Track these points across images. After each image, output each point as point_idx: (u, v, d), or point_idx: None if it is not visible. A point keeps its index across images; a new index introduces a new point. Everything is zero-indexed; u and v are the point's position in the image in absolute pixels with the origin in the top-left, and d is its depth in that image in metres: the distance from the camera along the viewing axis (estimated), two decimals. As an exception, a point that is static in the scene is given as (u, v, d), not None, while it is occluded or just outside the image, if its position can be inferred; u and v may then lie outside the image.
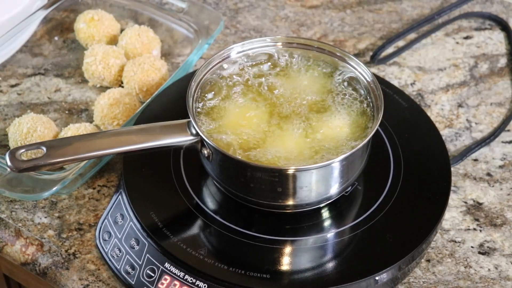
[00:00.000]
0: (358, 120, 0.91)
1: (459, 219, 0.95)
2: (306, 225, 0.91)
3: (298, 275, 0.86)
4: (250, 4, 1.27)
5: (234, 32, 1.22)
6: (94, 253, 0.91)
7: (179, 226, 0.89)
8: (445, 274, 0.89)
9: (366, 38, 1.20)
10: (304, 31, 1.22)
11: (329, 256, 0.88)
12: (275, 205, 0.88)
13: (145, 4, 1.19)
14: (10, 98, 1.10)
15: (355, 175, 0.90)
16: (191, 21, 1.15)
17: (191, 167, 0.95)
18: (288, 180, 0.86)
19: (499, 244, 0.92)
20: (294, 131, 0.90)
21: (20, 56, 1.16)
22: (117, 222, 0.91)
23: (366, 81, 0.93)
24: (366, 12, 1.25)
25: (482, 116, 1.08)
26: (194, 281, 0.84)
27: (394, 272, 0.86)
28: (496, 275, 0.89)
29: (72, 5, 1.20)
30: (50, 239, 0.92)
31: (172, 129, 0.87)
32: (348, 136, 0.89)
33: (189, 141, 0.87)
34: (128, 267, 0.87)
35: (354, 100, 0.93)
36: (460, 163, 1.01)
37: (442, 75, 1.14)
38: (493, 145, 1.04)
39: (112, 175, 0.99)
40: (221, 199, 0.92)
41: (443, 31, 1.21)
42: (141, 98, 1.07)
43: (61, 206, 0.96)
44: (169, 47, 1.16)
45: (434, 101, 1.10)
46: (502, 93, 1.12)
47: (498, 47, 1.19)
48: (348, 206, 0.93)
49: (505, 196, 0.98)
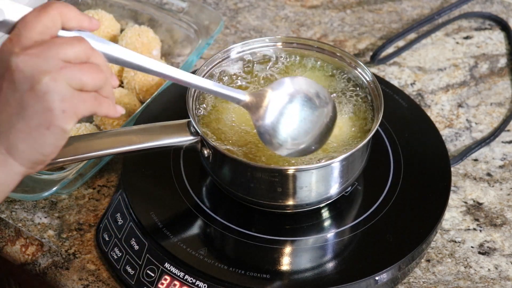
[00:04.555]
0: (358, 120, 0.91)
1: (459, 219, 0.95)
2: (306, 225, 0.91)
3: (298, 275, 0.86)
4: (250, 4, 1.27)
5: (234, 32, 1.22)
6: (94, 253, 0.91)
7: (179, 226, 0.89)
8: (445, 274, 0.89)
9: (366, 38, 1.20)
10: (304, 31, 1.22)
11: (329, 256, 0.88)
12: (275, 205, 0.88)
13: (145, 4, 1.19)
14: (10, 98, 1.09)
15: (355, 175, 0.90)
16: (191, 21, 1.15)
17: (191, 167, 0.95)
18: (288, 180, 0.86)
19: (499, 244, 0.92)
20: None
21: (20, 56, 1.16)
22: (117, 222, 0.91)
23: (366, 81, 0.93)
24: (366, 12, 1.25)
25: (482, 116, 1.08)
26: (194, 281, 0.84)
27: (394, 272, 0.86)
28: (496, 275, 0.89)
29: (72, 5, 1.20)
30: (50, 239, 0.92)
31: (172, 129, 0.87)
32: (348, 136, 0.89)
33: (189, 141, 0.87)
34: (128, 267, 0.87)
35: (354, 100, 0.93)
36: (460, 163, 1.01)
37: (442, 75, 1.14)
38: (493, 145, 1.04)
39: (112, 175, 0.99)
40: (221, 199, 0.92)
41: (443, 31, 1.21)
42: (141, 98, 1.07)
43: (61, 206, 0.96)
44: (169, 47, 1.16)
45: (434, 101, 1.10)
46: (502, 93, 1.12)
47: (498, 47, 1.19)
48: (348, 206, 0.93)
49: (505, 196, 0.98)
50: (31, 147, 0.68)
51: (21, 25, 0.68)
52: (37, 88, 0.66)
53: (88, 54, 0.69)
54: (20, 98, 0.66)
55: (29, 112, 0.66)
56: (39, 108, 0.66)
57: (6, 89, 0.67)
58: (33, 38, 0.68)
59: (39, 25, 0.68)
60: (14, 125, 0.67)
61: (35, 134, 0.67)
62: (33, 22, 0.68)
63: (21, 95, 0.66)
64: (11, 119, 0.67)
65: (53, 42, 0.68)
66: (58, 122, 0.67)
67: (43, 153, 0.69)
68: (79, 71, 0.68)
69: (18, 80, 0.66)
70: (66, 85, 0.67)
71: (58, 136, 0.68)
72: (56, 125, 0.67)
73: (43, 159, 0.69)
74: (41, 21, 0.68)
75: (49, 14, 0.69)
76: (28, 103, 0.66)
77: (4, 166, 0.68)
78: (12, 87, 0.66)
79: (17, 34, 0.68)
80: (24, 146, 0.68)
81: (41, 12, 0.69)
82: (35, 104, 0.66)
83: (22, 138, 0.67)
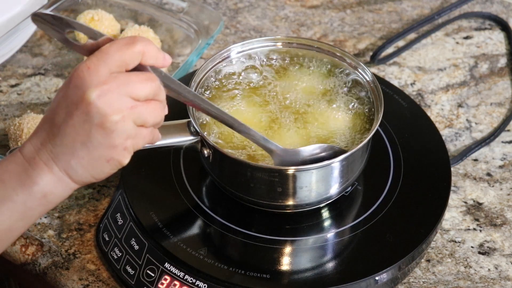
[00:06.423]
0: (358, 120, 0.91)
1: (459, 219, 0.95)
2: (306, 225, 0.91)
3: (298, 275, 0.86)
4: (250, 4, 1.27)
5: (234, 32, 1.22)
6: (94, 253, 0.91)
7: (179, 226, 0.89)
8: (445, 274, 0.89)
9: (366, 38, 1.20)
10: (304, 31, 1.22)
11: (329, 256, 0.88)
12: (275, 205, 0.88)
13: (145, 4, 1.19)
14: (10, 98, 1.10)
15: (355, 175, 0.90)
16: (191, 21, 1.15)
17: (191, 167, 0.95)
18: (288, 180, 0.86)
19: (499, 244, 0.92)
20: (293, 131, 0.90)
21: (20, 56, 1.16)
22: (117, 222, 0.91)
23: (366, 81, 0.93)
24: (366, 12, 1.25)
25: (482, 116, 1.08)
26: (194, 281, 0.84)
27: (394, 272, 0.86)
28: (496, 275, 0.89)
29: (72, 5, 1.20)
30: (50, 239, 0.92)
31: (172, 129, 0.87)
32: (348, 136, 0.89)
33: (189, 141, 0.87)
34: (128, 267, 0.87)
35: (354, 100, 0.93)
36: (460, 163, 1.01)
37: (442, 75, 1.14)
38: (493, 145, 1.04)
39: (112, 175, 0.99)
40: (221, 199, 0.92)
41: (443, 31, 1.21)
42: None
43: (61, 206, 0.96)
44: (169, 47, 1.16)
45: (434, 101, 1.10)
46: (502, 93, 1.12)
47: (498, 47, 1.19)
48: (348, 206, 0.93)
49: (505, 196, 0.98)
50: (88, 173, 0.74)
51: (102, 56, 0.71)
52: (106, 126, 0.70)
53: (156, 92, 0.73)
54: (89, 130, 0.70)
55: (94, 144, 0.71)
56: (104, 143, 0.71)
57: (77, 117, 0.70)
58: (110, 71, 0.70)
59: (119, 60, 0.71)
60: (77, 151, 0.72)
61: (95, 164, 0.73)
62: (114, 56, 0.71)
63: (90, 127, 0.70)
64: (75, 145, 0.71)
65: (129, 79, 0.71)
66: (118, 157, 0.73)
67: (96, 178, 0.75)
68: (145, 110, 0.72)
69: (91, 113, 0.70)
70: (132, 124, 0.72)
71: (115, 167, 0.75)
72: (116, 159, 0.73)
73: (94, 181, 0.75)
74: (123, 56, 0.71)
75: (133, 52, 0.71)
76: (95, 136, 0.71)
77: (62, 183, 0.73)
78: (84, 117, 0.70)
79: (95, 64, 0.70)
80: (82, 171, 0.73)
81: (124, 48, 0.71)
82: (101, 139, 0.71)
83: (82, 165, 0.72)
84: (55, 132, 0.72)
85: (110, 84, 0.70)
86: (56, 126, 0.71)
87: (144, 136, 0.74)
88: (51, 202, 0.74)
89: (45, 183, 0.72)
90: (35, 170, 0.72)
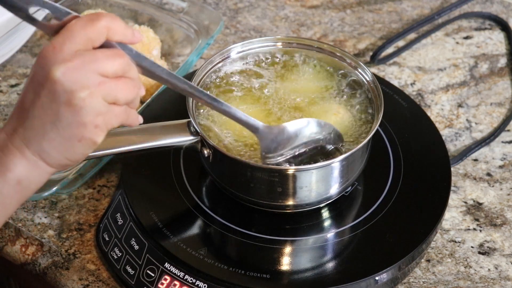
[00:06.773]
0: (358, 120, 0.91)
1: (459, 219, 0.95)
2: (306, 225, 0.91)
3: (298, 275, 0.86)
4: (250, 4, 1.27)
5: (234, 32, 1.22)
6: (94, 253, 0.91)
7: (179, 226, 0.89)
8: (445, 274, 0.89)
9: (366, 38, 1.20)
10: (304, 31, 1.22)
11: (329, 256, 0.88)
12: (275, 205, 0.88)
13: (145, 4, 1.19)
14: (10, 98, 1.10)
15: (355, 175, 0.90)
16: (191, 21, 1.15)
17: (191, 167, 0.95)
18: (288, 180, 0.86)
19: (499, 244, 0.92)
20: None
21: (20, 56, 1.16)
22: (117, 222, 0.91)
23: (366, 81, 0.93)
24: (366, 12, 1.25)
25: (482, 116, 1.08)
26: (194, 281, 0.84)
27: (394, 272, 0.86)
28: (496, 275, 0.89)
29: (72, 5, 1.20)
30: (50, 239, 0.92)
31: (172, 129, 0.87)
32: (348, 136, 0.89)
33: (189, 141, 0.87)
34: (128, 267, 0.87)
35: (354, 100, 0.93)
36: (460, 163, 1.01)
37: (442, 75, 1.14)
38: (493, 145, 1.04)
39: (112, 175, 0.99)
40: (221, 199, 0.92)
41: (443, 31, 1.21)
42: (141, 98, 1.07)
43: (61, 206, 0.96)
44: (169, 47, 1.16)
45: (434, 101, 1.10)
46: (502, 93, 1.12)
47: (498, 47, 1.19)
48: (348, 206, 0.93)
49: (505, 196, 0.98)
50: (61, 155, 0.71)
51: (66, 34, 0.69)
52: (74, 103, 0.68)
53: (126, 69, 0.71)
54: (57, 109, 0.69)
55: (63, 124, 0.69)
56: (74, 121, 0.69)
57: (44, 97, 0.69)
58: (76, 48, 0.69)
59: (84, 37, 0.69)
60: (47, 133, 0.70)
61: (67, 144, 0.71)
62: (79, 33, 0.69)
63: (57, 106, 0.69)
64: (45, 126, 0.70)
65: (94, 55, 0.69)
66: (90, 135, 0.70)
67: (72, 160, 0.72)
68: (115, 86, 0.70)
69: (57, 92, 0.68)
70: (101, 100, 0.69)
71: (88, 147, 0.71)
72: (88, 138, 0.70)
73: (70, 163, 0.73)
74: (87, 33, 0.69)
75: (97, 28, 0.70)
76: (64, 115, 0.69)
77: (36, 168, 0.72)
78: (51, 97, 0.68)
79: (60, 43, 0.69)
80: (55, 153, 0.71)
81: (88, 24, 0.70)
82: (70, 117, 0.69)
83: (54, 146, 0.71)
84: (24, 116, 0.70)
85: (75, 61, 0.68)
86: (25, 110, 0.70)
87: (116, 114, 0.71)
88: (27, 188, 0.73)
89: (19, 169, 0.71)
90: (8, 156, 0.71)
